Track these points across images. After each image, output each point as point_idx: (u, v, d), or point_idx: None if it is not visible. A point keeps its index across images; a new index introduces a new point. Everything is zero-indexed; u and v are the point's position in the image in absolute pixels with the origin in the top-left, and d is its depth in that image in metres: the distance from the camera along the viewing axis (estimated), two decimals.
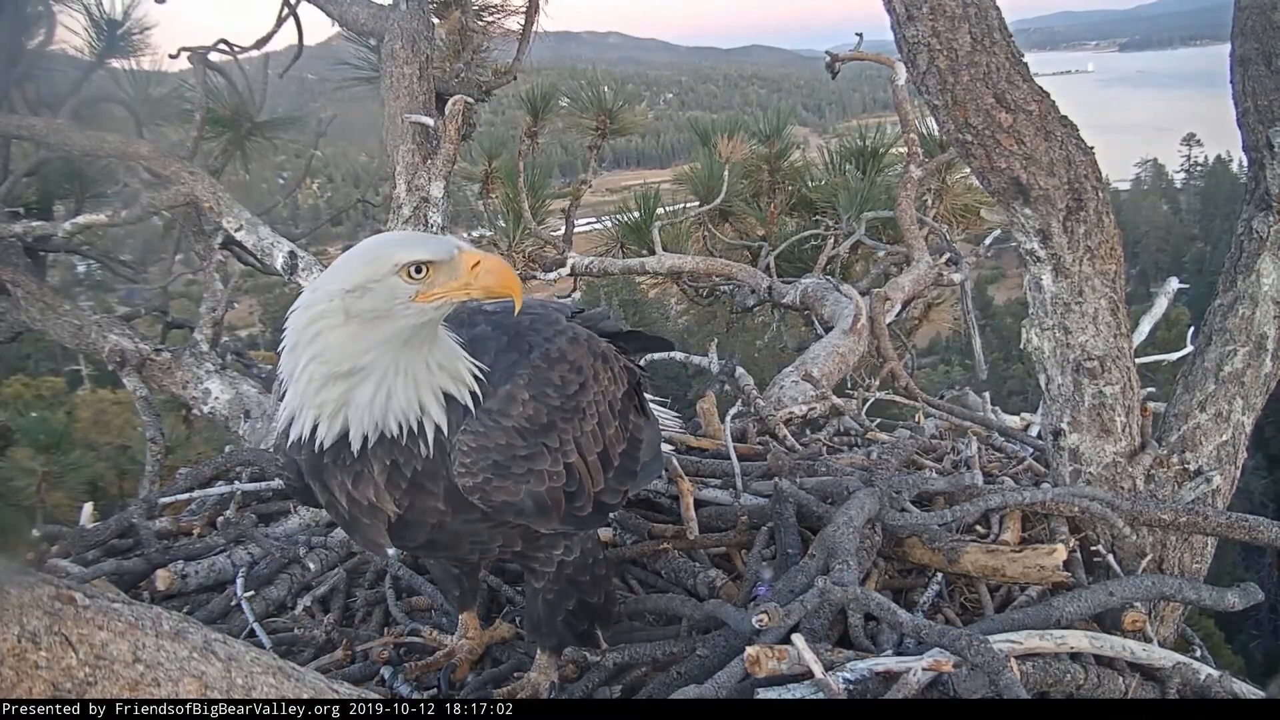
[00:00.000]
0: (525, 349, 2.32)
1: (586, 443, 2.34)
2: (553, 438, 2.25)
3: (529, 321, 2.42)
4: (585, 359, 2.43)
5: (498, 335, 2.32)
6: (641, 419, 2.68)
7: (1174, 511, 2.88)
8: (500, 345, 2.30)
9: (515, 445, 2.16)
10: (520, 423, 2.18)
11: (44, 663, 1.51)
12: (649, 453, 2.67)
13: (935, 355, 26.01)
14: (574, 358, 2.40)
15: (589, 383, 2.40)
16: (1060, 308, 2.92)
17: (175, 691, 1.64)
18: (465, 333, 2.26)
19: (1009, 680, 2.04)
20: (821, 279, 5.87)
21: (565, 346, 2.40)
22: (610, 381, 2.50)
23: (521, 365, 2.27)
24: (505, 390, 2.20)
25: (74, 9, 5.27)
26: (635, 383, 2.70)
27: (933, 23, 2.57)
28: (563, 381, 2.32)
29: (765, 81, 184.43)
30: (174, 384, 4.83)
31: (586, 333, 2.54)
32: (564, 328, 2.48)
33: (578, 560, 2.46)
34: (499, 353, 2.27)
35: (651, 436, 2.72)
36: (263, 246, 4.67)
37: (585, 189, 6.58)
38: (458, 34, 5.50)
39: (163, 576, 3.17)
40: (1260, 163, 2.96)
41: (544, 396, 2.26)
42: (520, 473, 2.16)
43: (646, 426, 2.71)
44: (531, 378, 2.25)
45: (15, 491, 5.63)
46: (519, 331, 2.36)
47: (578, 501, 2.30)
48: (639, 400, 2.72)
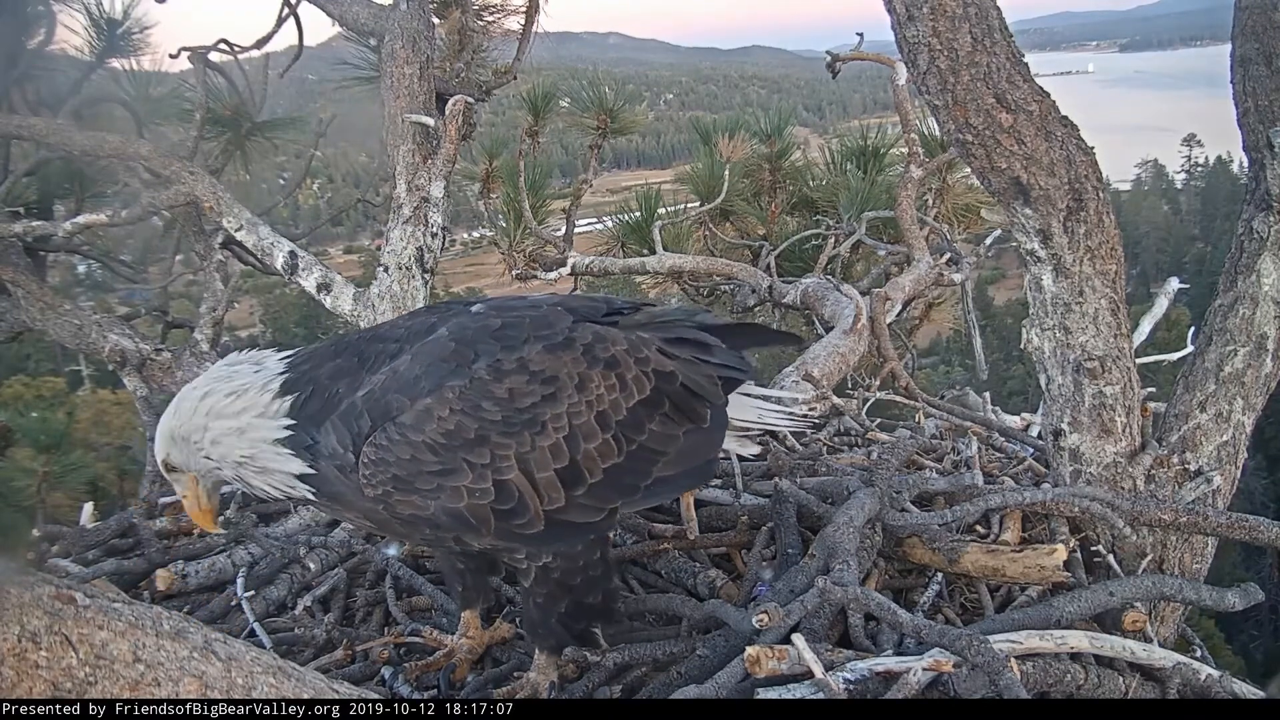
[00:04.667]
0: (470, 358, 2.25)
1: (540, 458, 2.23)
2: (480, 453, 2.18)
3: (499, 325, 2.33)
4: (566, 368, 2.30)
5: (442, 344, 2.29)
6: (676, 427, 2.46)
7: (1174, 512, 2.88)
8: (442, 354, 2.26)
9: (423, 460, 2.16)
10: (434, 437, 2.17)
11: (44, 662, 1.52)
12: (681, 463, 2.47)
13: (935, 355, 25.99)
14: (541, 368, 2.27)
15: (560, 394, 2.27)
16: (1060, 308, 2.92)
17: (175, 691, 1.64)
18: (412, 344, 2.32)
19: (1009, 680, 2.05)
20: (822, 279, 5.86)
21: (535, 356, 2.28)
22: (611, 390, 2.34)
23: (456, 376, 2.21)
24: (424, 404, 2.18)
25: (74, 9, 5.27)
26: (668, 391, 2.45)
27: (933, 23, 2.57)
28: (511, 395, 2.22)
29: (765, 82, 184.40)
30: (174, 384, 4.82)
31: (595, 337, 2.39)
32: (552, 333, 2.35)
33: (564, 565, 2.40)
34: (435, 362, 2.24)
35: (694, 444, 2.49)
36: (263, 246, 4.67)
37: (586, 189, 6.57)
38: (458, 34, 5.49)
39: (163, 576, 3.18)
40: (1260, 163, 2.96)
41: (477, 410, 2.19)
42: (428, 488, 2.18)
43: (689, 435, 2.48)
44: (464, 391, 2.20)
45: (15, 491, 5.63)
46: (471, 340, 2.29)
47: (517, 519, 2.22)
48: (673, 408, 2.46)
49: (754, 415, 2.83)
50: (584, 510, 2.31)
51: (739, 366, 2.66)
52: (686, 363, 2.52)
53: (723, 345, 2.65)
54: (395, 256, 4.57)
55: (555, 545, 2.38)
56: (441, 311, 2.54)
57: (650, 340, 2.48)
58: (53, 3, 5.26)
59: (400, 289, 4.53)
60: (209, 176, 4.76)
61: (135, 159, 4.69)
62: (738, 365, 2.66)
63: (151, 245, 6.16)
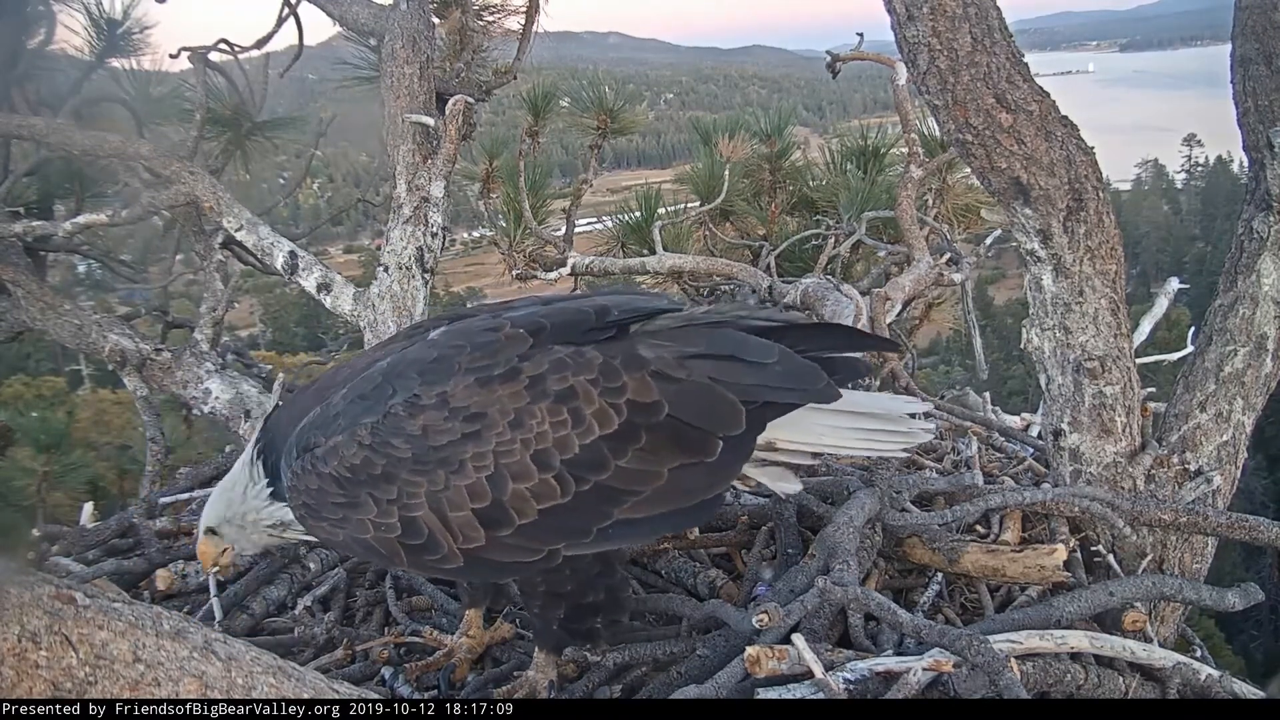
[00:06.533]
0: (387, 394, 2.25)
1: (455, 497, 2.14)
2: (388, 489, 2.18)
3: (434, 357, 2.28)
4: (498, 403, 2.16)
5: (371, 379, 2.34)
6: (658, 463, 2.19)
7: (1174, 511, 2.89)
8: (363, 390, 2.31)
9: (329, 491, 2.23)
10: (340, 471, 2.22)
11: (44, 662, 1.52)
12: (663, 503, 2.21)
13: (935, 355, 25.97)
14: (465, 403, 2.17)
15: (485, 431, 2.14)
16: (1060, 308, 2.92)
17: (175, 691, 1.64)
18: (353, 378, 2.41)
19: (1009, 680, 2.05)
20: (822, 279, 5.85)
21: (460, 390, 2.18)
22: (560, 426, 2.15)
23: (371, 413, 2.24)
24: (335, 441, 2.25)
25: (74, 9, 5.27)
26: (647, 423, 2.18)
27: (933, 23, 2.57)
28: (425, 431, 2.17)
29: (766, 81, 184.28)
30: (174, 384, 4.83)
31: (552, 365, 2.19)
32: (491, 364, 2.21)
33: (548, 577, 2.34)
34: (355, 399, 2.30)
35: (686, 482, 2.21)
36: (263, 246, 4.67)
37: (586, 189, 6.57)
38: (458, 34, 5.49)
39: (163, 576, 3.18)
40: (1260, 163, 2.96)
41: (386, 447, 2.18)
42: (335, 518, 2.25)
43: (679, 471, 2.20)
44: (376, 428, 2.21)
45: (15, 491, 5.64)
46: (399, 373, 2.29)
47: (429, 554, 2.19)
48: (657, 441, 2.19)
49: (815, 436, 2.44)
50: (512, 550, 2.19)
51: (797, 385, 2.27)
52: (694, 387, 2.21)
53: (778, 357, 2.27)
54: (395, 256, 4.57)
55: (485, 579, 2.43)
56: (406, 336, 2.62)
57: (653, 359, 2.23)
58: (53, 3, 5.27)
59: (400, 289, 4.54)
60: (209, 176, 4.76)
61: (135, 159, 4.69)
62: (795, 383, 2.26)
63: (151, 245, 6.16)
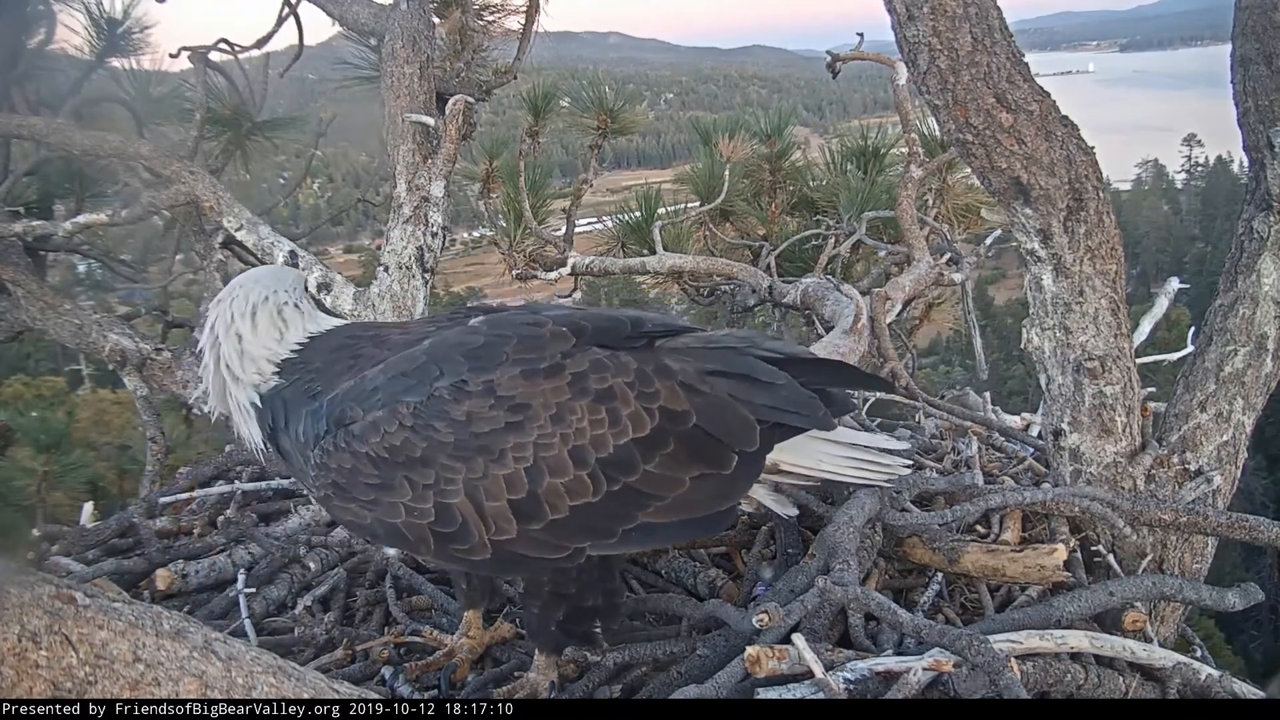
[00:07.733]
0: (434, 375, 2.18)
1: (492, 486, 2.13)
2: (425, 473, 2.12)
3: (480, 344, 2.23)
4: (542, 396, 2.16)
5: (414, 358, 2.25)
6: (683, 471, 2.23)
7: (1174, 511, 2.89)
8: (408, 368, 2.22)
9: (363, 471, 2.15)
10: (378, 451, 2.14)
11: (44, 662, 1.52)
12: (681, 511, 2.24)
13: (936, 355, 26.00)
14: (511, 393, 2.15)
15: (528, 423, 2.14)
16: (1061, 308, 2.92)
17: (175, 691, 1.64)
18: (395, 352, 2.30)
19: (1009, 680, 2.05)
20: (822, 279, 5.85)
21: (506, 380, 2.17)
22: (598, 425, 2.17)
23: (414, 393, 2.17)
24: (374, 416, 2.16)
25: (74, 8, 5.26)
26: (676, 431, 2.22)
27: (933, 23, 2.57)
28: (469, 417, 2.13)
29: (766, 82, 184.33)
30: (174, 383, 4.83)
31: (593, 365, 2.21)
32: (537, 357, 2.20)
33: (555, 576, 2.34)
34: (398, 376, 2.21)
35: (704, 492, 2.26)
36: (263, 246, 4.66)
37: (586, 189, 6.57)
38: (458, 34, 5.49)
39: (163, 576, 3.17)
40: (1261, 163, 2.96)
41: (429, 430, 2.13)
42: (366, 499, 2.16)
43: (699, 481, 2.24)
44: (419, 408, 2.14)
45: (15, 491, 5.63)
46: (443, 356, 2.22)
47: (459, 544, 2.15)
48: (682, 450, 2.23)
49: (814, 461, 2.53)
50: (540, 546, 2.18)
51: (801, 411, 2.34)
52: (717, 401, 2.27)
53: (785, 383, 2.34)
54: (395, 256, 4.57)
55: (508, 574, 2.33)
56: (443, 322, 2.51)
57: (679, 371, 2.27)
58: (53, 2, 5.27)
59: (400, 288, 4.54)
60: (209, 176, 4.76)
61: (135, 159, 4.69)
62: (800, 409, 2.34)
63: (151, 245, 6.16)
